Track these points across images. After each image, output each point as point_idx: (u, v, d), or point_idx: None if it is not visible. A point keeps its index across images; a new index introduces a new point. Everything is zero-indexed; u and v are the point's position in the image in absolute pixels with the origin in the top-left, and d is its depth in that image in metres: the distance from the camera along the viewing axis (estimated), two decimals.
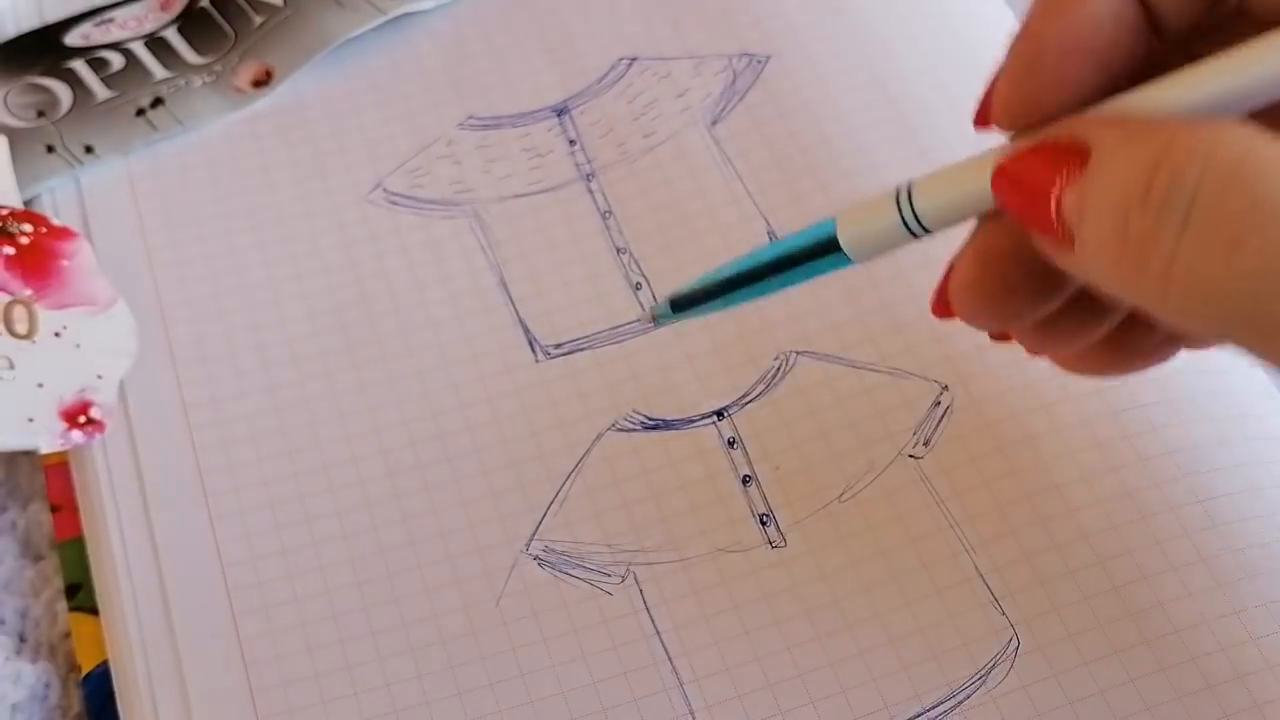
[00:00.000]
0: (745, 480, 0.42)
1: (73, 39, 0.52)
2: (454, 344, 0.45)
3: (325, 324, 0.46)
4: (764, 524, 0.41)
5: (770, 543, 0.41)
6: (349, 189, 0.49)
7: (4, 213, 0.47)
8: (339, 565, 0.41)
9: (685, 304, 0.36)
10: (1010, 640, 0.39)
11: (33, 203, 0.48)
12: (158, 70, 0.51)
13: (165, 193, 0.49)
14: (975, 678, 0.38)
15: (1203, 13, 0.33)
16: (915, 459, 0.42)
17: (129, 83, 0.51)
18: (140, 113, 0.50)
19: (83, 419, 0.43)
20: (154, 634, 0.40)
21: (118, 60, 0.51)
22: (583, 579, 0.41)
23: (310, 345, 0.45)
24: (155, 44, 0.51)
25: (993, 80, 0.33)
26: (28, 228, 0.46)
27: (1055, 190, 0.31)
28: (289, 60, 0.51)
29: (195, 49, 0.51)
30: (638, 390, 0.44)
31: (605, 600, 0.40)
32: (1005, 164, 0.32)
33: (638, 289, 0.46)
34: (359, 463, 0.43)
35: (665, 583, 0.40)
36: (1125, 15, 0.32)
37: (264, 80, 0.51)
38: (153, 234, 0.48)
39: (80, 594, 0.42)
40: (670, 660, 0.39)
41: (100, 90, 0.50)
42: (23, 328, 0.44)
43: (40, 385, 0.43)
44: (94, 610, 0.42)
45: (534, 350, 0.45)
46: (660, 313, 0.37)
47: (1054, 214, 0.31)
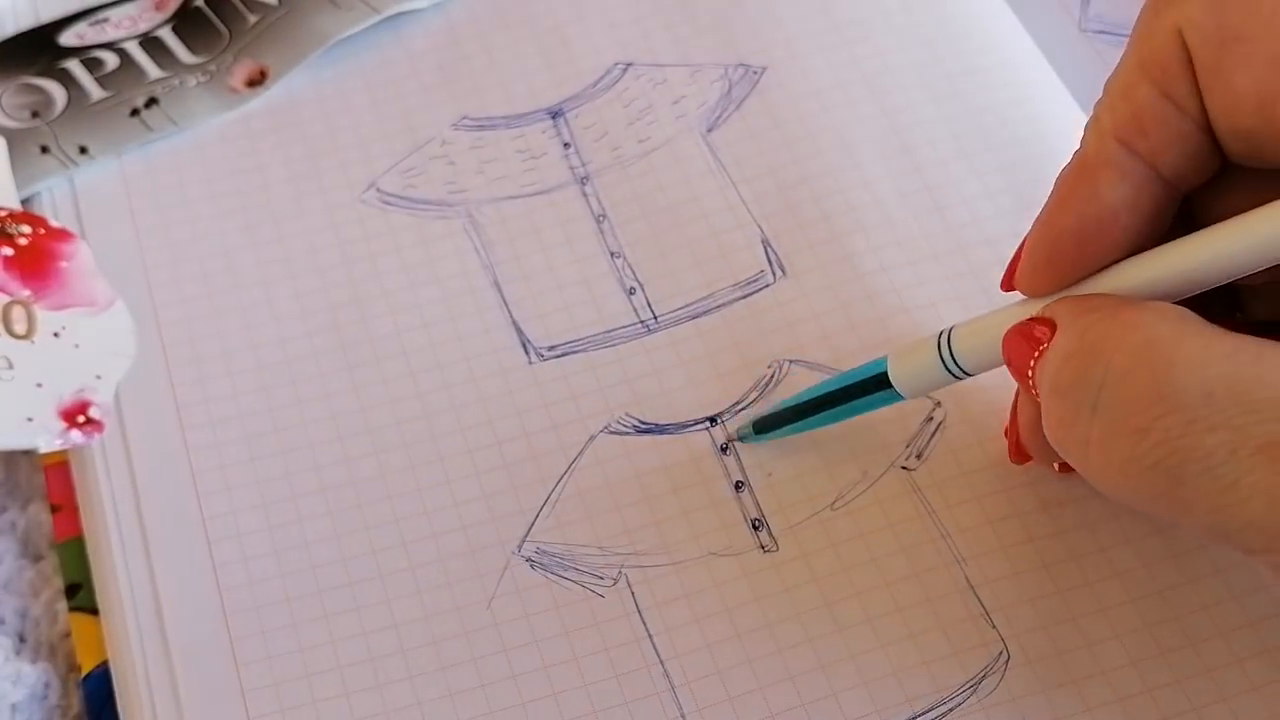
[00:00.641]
0: (738, 486, 0.42)
1: (67, 39, 0.52)
2: (447, 345, 0.45)
3: (319, 324, 0.46)
4: (756, 529, 0.41)
5: (762, 547, 0.41)
6: (343, 189, 0.49)
7: (3, 214, 0.47)
8: (331, 565, 0.41)
9: (766, 426, 0.42)
10: (1000, 653, 0.39)
11: (30, 203, 0.48)
12: (152, 70, 0.51)
13: (159, 193, 0.49)
14: (966, 686, 0.38)
15: (1219, 168, 0.33)
16: (908, 470, 0.42)
17: (124, 82, 0.51)
18: (135, 113, 0.50)
19: (81, 419, 0.43)
20: (152, 634, 0.40)
21: (112, 60, 0.51)
22: (575, 581, 0.41)
23: (304, 345, 0.45)
24: (150, 43, 0.51)
25: (1016, 255, 0.35)
26: (26, 229, 0.46)
27: (1031, 363, 0.33)
28: (284, 60, 0.51)
29: (190, 48, 0.51)
30: (631, 394, 0.44)
31: (597, 602, 0.40)
32: (1008, 333, 0.34)
33: (631, 293, 0.46)
34: (352, 463, 0.43)
35: (657, 585, 0.40)
36: (1141, 203, 0.32)
37: (258, 80, 0.51)
38: (147, 234, 0.48)
39: (80, 594, 0.42)
40: (662, 663, 0.39)
41: (95, 90, 0.50)
42: (22, 328, 0.44)
43: (39, 385, 0.44)
44: (94, 610, 0.41)
45: (527, 352, 0.45)
46: (743, 434, 0.42)
47: (1032, 385, 0.33)
